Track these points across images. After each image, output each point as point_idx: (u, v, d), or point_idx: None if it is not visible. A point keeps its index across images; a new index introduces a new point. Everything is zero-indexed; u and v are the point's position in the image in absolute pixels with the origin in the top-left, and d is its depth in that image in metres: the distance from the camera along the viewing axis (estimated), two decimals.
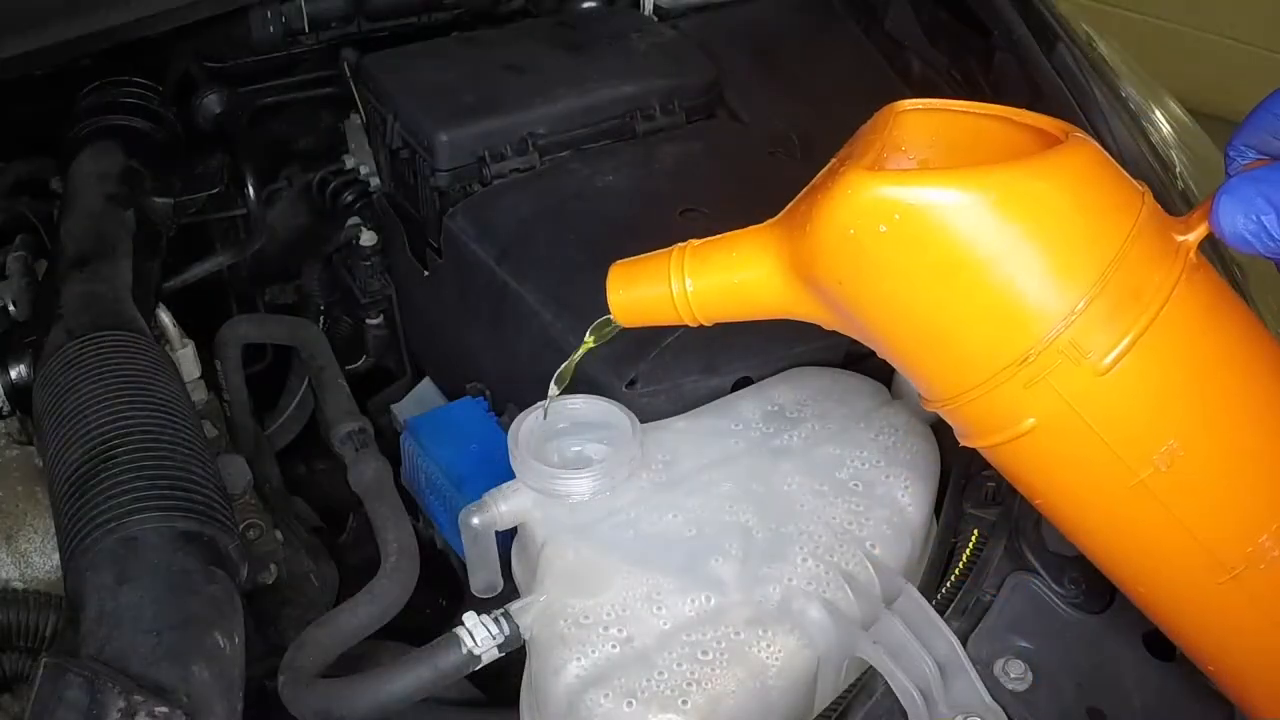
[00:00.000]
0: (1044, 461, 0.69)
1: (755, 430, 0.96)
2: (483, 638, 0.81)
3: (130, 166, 1.30)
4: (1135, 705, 0.78)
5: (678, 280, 0.75)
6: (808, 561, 0.85)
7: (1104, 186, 0.65)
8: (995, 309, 0.63)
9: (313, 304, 1.59)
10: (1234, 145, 0.67)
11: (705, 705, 0.76)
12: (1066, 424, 0.65)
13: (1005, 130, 0.70)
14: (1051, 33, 1.26)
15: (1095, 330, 0.63)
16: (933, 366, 0.69)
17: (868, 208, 0.63)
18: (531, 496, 0.88)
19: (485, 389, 1.25)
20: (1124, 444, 0.65)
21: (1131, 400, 0.65)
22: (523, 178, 1.28)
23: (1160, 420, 0.65)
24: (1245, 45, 3.20)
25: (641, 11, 1.58)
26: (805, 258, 0.69)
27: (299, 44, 1.52)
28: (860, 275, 0.66)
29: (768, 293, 0.73)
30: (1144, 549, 0.70)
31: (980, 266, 0.63)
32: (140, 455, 0.88)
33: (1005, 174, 0.62)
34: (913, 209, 0.62)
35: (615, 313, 0.80)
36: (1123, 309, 0.63)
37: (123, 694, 0.69)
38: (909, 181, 0.63)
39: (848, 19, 1.59)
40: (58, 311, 1.06)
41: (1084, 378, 0.63)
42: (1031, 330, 0.63)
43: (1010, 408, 0.66)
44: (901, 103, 0.72)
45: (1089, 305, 0.62)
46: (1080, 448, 0.66)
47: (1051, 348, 0.63)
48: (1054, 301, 0.62)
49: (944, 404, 0.69)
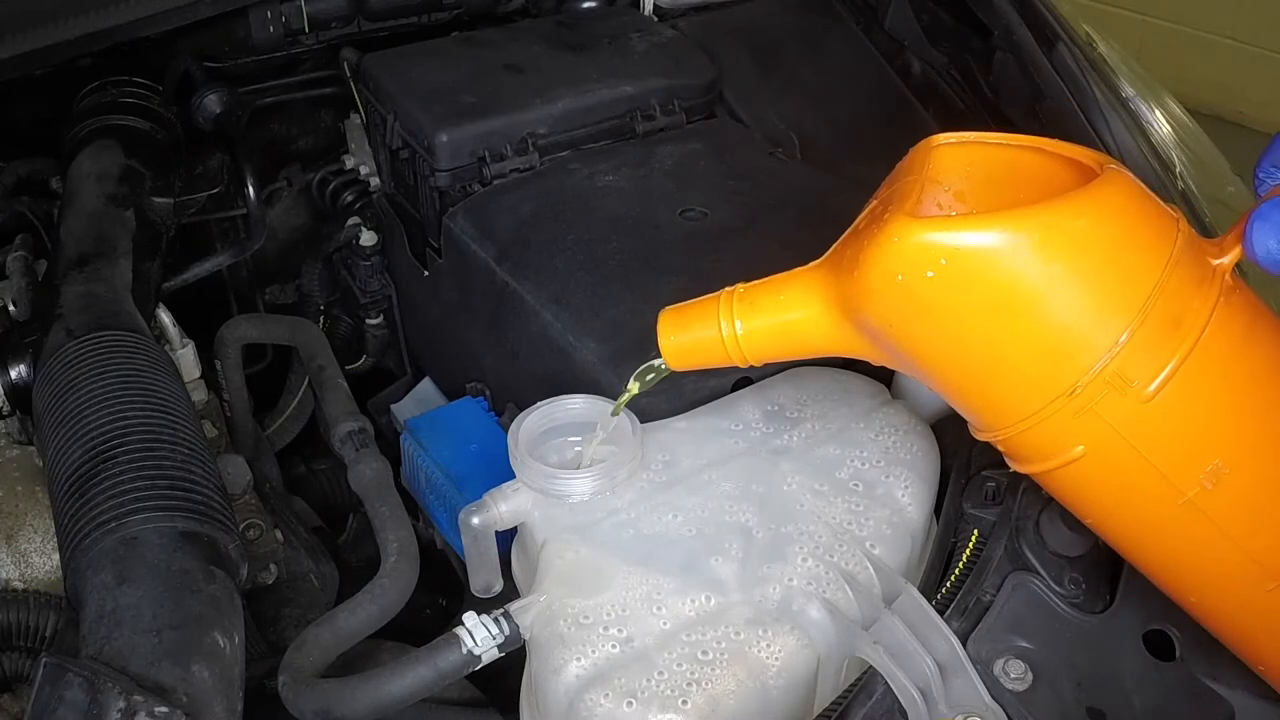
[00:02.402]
0: (1094, 485, 0.71)
1: (755, 430, 0.96)
2: (483, 638, 0.81)
3: (130, 166, 1.30)
4: (1135, 705, 0.78)
5: (728, 323, 0.77)
6: (808, 561, 0.85)
7: (1141, 217, 0.66)
8: (1042, 345, 0.65)
9: (313, 304, 1.59)
10: (1263, 166, 0.68)
11: (705, 705, 0.76)
12: (1115, 450, 0.67)
13: (1040, 161, 0.72)
14: (1051, 33, 1.26)
15: (1139, 359, 0.64)
16: (983, 400, 0.71)
17: (915, 254, 0.65)
18: (531, 496, 0.88)
19: (485, 389, 1.25)
20: (1171, 466, 0.67)
21: (1176, 424, 0.66)
22: (523, 178, 1.28)
23: (1205, 441, 0.67)
24: (1245, 45, 3.20)
25: (641, 11, 1.58)
26: (854, 301, 0.71)
27: (299, 44, 1.52)
28: (909, 318, 0.68)
29: (817, 333, 0.75)
30: (1194, 562, 0.72)
31: (1026, 305, 0.65)
32: (140, 455, 0.88)
33: (1047, 214, 0.64)
34: (958, 253, 0.64)
35: (667, 357, 0.81)
36: (1165, 337, 0.64)
37: (123, 694, 0.69)
38: (954, 227, 0.65)
39: (848, 19, 1.60)
40: (58, 311, 1.06)
41: (1130, 405, 0.65)
42: (1078, 363, 0.65)
43: (1059, 436, 0.68)
44: (936, 137, 0.74)
45: (1132, 336, 0.64)
46: (1128, 471, 0.68)
47: (1098, 379, 0.65)
48: (1098, 334, 0.64)
49: (995, 434, 0.71)
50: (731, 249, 1.14)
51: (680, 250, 1.15)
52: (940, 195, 0.74)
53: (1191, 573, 0.73)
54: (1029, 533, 0.85)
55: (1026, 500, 0.87)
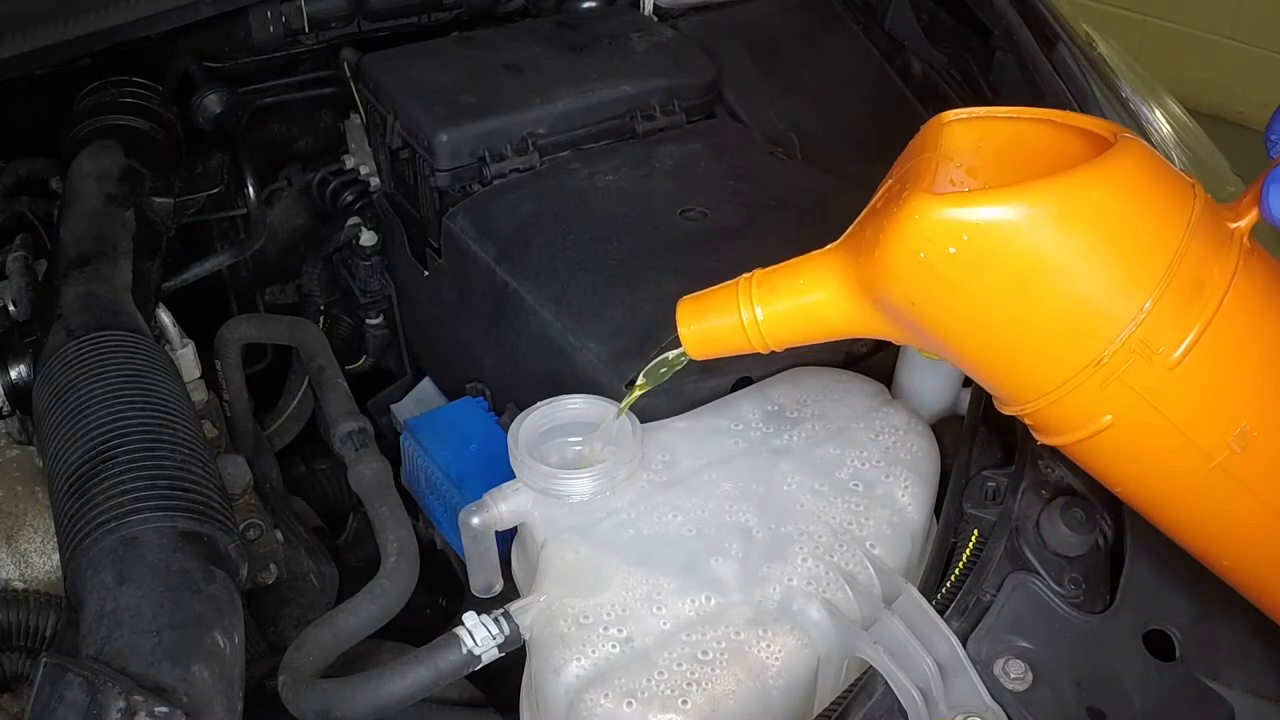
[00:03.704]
0: (1123, 454, 0.71)
1: (755, 430, 0.96)
2: (483, 638, 0.81)
3: (130, 166, 1.30)
4: (1135, 705, 0.78)
5: (747, 309, 0.77)
6: (808, 561, 0.85)
7: (1158, 184, 0.66)
8: (1067, 316, 0.65)
9: (313, 304, 1.59)
10: (1273, 129, 0.68)
11: (705, 705, 0.76)
12: (1142, 417, 0.67)
13: (1051, 133, 0.72)
14: (1051, 32, 1.26)
15: (1164, 326, 0.65)
16: (1009, 374, 0.71)
17: (936, 231, 0.65)
18: (531, 496, 0.88)
19: (485, 389, 1.25)
20: (1199, 431, 0.67)
21: (1203, 389, 0.67)
22: (523, 178, 1.28)
23: (1232, 405, 0.68)
24: (1245, 45, 3.21)
25: (641, 11, 1.58)
26: (875, 281, 0.70)
27: (299, 44, 1.52)
28: (933, 295, 0.68)
29: (837, 315, 0.75)
30: (1225, 526, 0.72)
31: (1049, 277, 0.65)
32: (140, 455, 0.88)
33: (1065, 185, 0.64)
34: (980, 228, 0.64)
35: (688, 346, 0.81)
36: (1188, 303, 0.65)
37: (123, 694, 0.69)
38: (974, 202, 0.65)
39: (848, 19, 1.60)
40: (58, 311, 1.06)
41: (1156, 373, 0.65)
42: (1103, 333, 0.65)
43: (1087, 407, 0.68)
44: (947, 114, 0.74)
45: (1156, 303, 0.64)
46: (1157, 438, 0.68)
47: (1123, 348, 0.65)
48: (1122, 303, 0.65)
49: (1023, 408, 0.71)
50: (731, 249, 1.14)
51: (680, 250, 1.15)
52: (953, 172, 0.74)
53: (1223, 537, 0.73)
54: (1029, 533, 0.85)
55: (1026, 500, 0.87)
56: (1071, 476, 0.89)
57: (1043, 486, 0.88)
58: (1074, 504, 0.86)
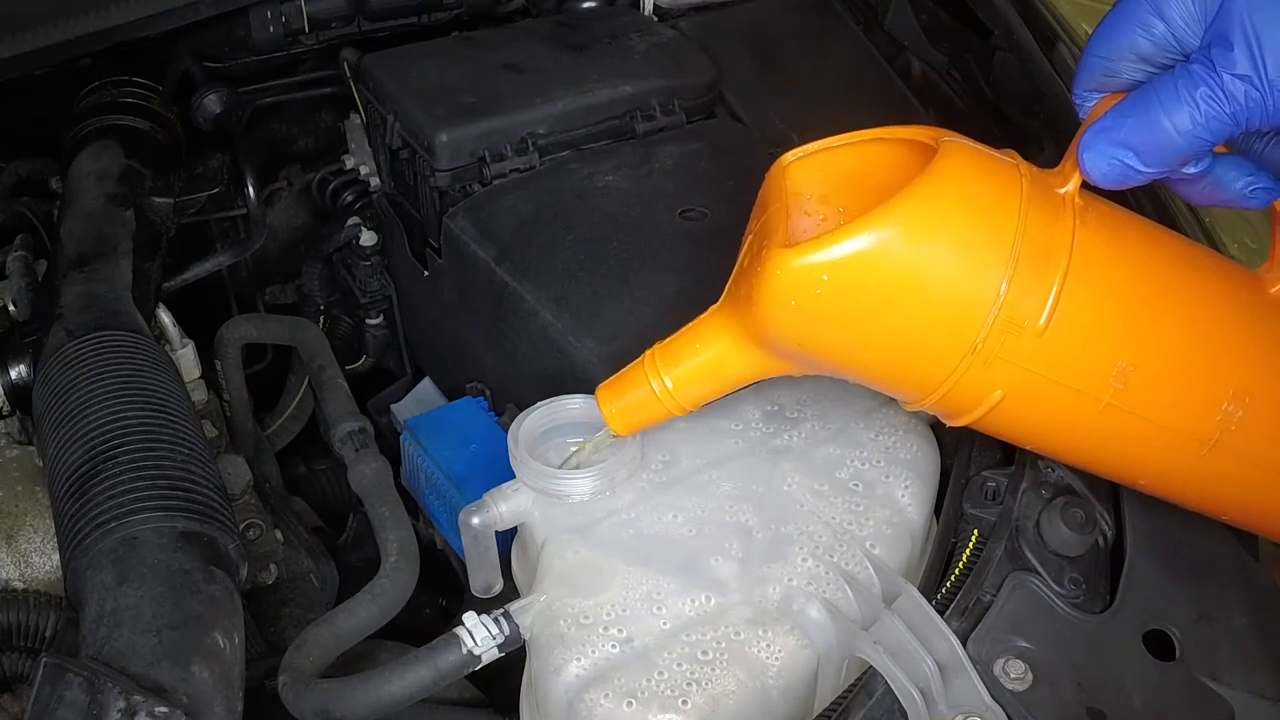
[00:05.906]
0: (1023, 418, 0.77)
1: (755, 430, 0.96)
2: (483, 638, 0.81)
3: (130, 166, 1.30)
4: (1135, 705, 0.78)
5: (656, 380, 0.82)
6: (808, 561, 0.85)
7: (984, 177, 0.71)
8: (936, 317, 0.71)
9: (313, 304, 1.59)
10: (1078, 92, 0.73)
11: (705, 705, 0.76)
12: (1029, 383, 0.73)
13: (883, 149, 0.79)
14: (1051, 32, 1.26)
15: (1023, 300, 0.70)
16: (902, 380, 0.77)
17: (798, 279, 0.71)
18: (531, 496, 0.88)
19: (485, 389, 1.25)
20: (1081, 380, 0.73)
21: (1074, 344, 0.72)
22: (523, 178, 1.27)
23: (1104, 349, 0.73)
24: None
25: (641, 11, 1.58)
26: (760, 332, 0.76)
27: (299, 44, 1.52)
28: (814, 332, 0.74)
29: (737, 367, 0.81)
30: (1132, 454, 0.79)
31: (910, 289, 0.70)
32: (140, 455, 0.88)
33: (901, 206, 0.69)
34: (836, 265, 0.70)
35: (612, 425, 0.86)
36: (1039, 273, 0.70)
37: (123, 694, 0.69)
38: (825, 245, 0.70)
39: (847, 19, 1.60)
40: (57, 311, 1.06)
41: (1028, 342, 0.71)
42: (972, 322, 0.70)
43: (978, 388, 0.73)
44: (785, 157, 0.80)
45: (1010, 283, 0.69)
46: (1047, 397, 0.74)
47: (993, 330, 0.70)
48: (981, 291, 0.70)
49: (923, 403, 0.77)
50: (731, 249, 1.13)
51: (680, 250, 1.15)
52: (806, 204, 0.80)
53: (1134, 462, 0.80)
54: (1029, 533, 0.85)
55: (1026, 500, 0.87)
56: (1071, 476, 0.89)
57: (1043, 486, 0.88)
58: (1074, 504, 0.86)
